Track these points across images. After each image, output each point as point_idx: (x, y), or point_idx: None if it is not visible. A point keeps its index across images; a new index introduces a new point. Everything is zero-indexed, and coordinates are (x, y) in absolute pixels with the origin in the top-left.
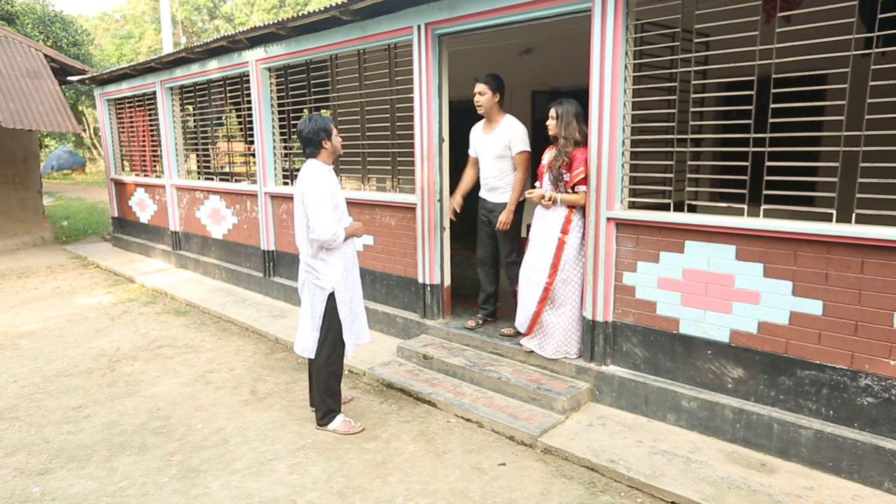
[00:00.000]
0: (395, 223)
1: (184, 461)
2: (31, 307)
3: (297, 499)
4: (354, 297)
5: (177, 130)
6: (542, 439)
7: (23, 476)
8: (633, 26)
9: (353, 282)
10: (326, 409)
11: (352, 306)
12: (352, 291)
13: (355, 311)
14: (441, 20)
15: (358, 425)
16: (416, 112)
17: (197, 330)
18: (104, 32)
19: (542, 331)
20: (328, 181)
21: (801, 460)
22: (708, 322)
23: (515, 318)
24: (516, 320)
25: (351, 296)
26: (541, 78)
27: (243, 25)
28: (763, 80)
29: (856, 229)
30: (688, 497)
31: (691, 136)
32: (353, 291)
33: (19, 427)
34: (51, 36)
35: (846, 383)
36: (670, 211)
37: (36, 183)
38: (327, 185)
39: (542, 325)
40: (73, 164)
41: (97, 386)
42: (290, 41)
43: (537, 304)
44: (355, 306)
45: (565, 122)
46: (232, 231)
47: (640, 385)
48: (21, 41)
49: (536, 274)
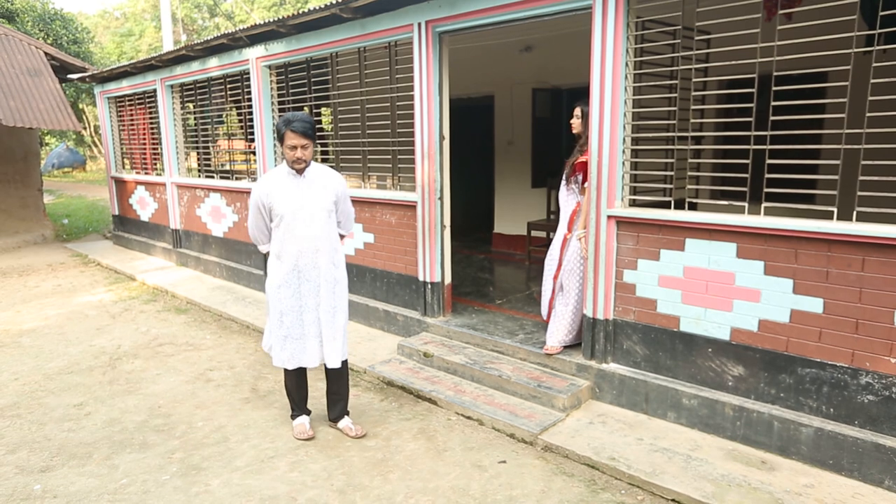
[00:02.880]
0: (395, 221)
1: (185, 459)
2: (32, 305)
3: (298, 496)
4: (286, 317)
5: (177, 128)
6: (542, 437)
7: (24, 473)
8: (634, 24)
9: (292, 300)
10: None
11: (282, 319)
12: (282, 310)
13: (294, 332)
14: (441, 18)
15: (307, 430)
16: (417, 110)
17: (197, 328)
18: (104, 30)
19: (554, 319)
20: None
21: (801, 458)
22: (708, 320)
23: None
24: (541, 309)
25: (280, 313)
26: (541, 76)
27: (243, 23)
28: (764, 77)
29: (857, 227)
30: (688, 495)
31: (692, 133)
32: (293, 311)
33: (20, 424)
34: (51, 34)
35: (847, 381)
36: (671, 209)
37: (36, 181)
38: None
39: (555, 313)
40: (74, 162)
41: (98, 384)
42: (291, 39)
43: (551, 292)
44: (293, 329)
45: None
46: (232, 229)
47: (641, 383)
48: (21, 39)
49: (551, 264)
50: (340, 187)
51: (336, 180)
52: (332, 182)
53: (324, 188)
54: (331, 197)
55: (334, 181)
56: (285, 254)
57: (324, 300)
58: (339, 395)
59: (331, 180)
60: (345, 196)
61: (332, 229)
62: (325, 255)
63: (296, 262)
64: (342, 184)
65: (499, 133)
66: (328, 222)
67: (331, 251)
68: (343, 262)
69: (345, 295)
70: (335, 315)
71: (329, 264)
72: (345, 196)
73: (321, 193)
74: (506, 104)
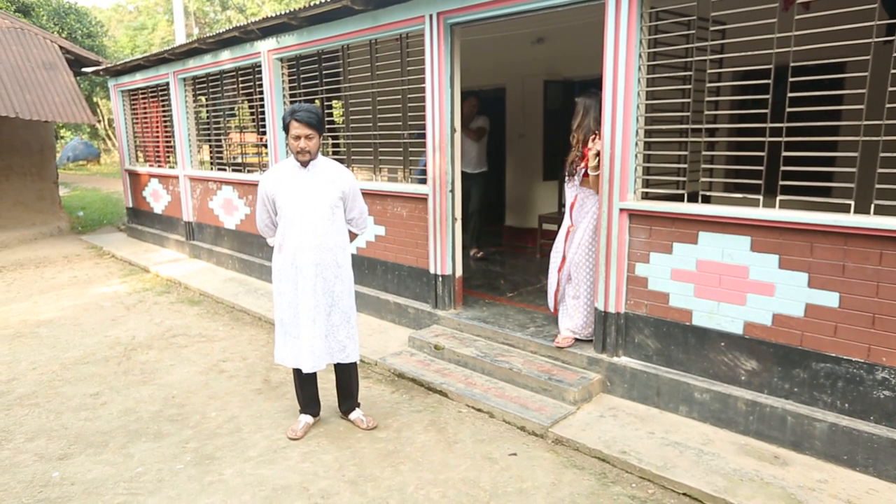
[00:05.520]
0: (406, 214)
1: (198, 448)
2: (49, 296)
3: (310, 486)
4: (284, 312)
5: (190, 121)
6: (553, 430)
7: (43, 461)
8: (648, 14)
9: (290, 295)
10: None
11: (281, 314)
12: (281, 305)
13: (292, 330)
14: (453, 9)
15: (297, 431)
16: (428, 102)
17: (210, 319)
18: (118, 24)
19: (564, 311)
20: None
21: (815, 453)
22: (721, 314)
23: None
24: (548, 302)
25: (279, 307)
26: (553, 67)
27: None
28: (780, 68)
29: (874, 220)
30: (700, 489)
31: (706, 126)
32: (290, 306)
33: (39, 413)
34: (65, 27)
35: (862, 376)
36: (684, 202)
37: (52, 174)
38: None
39: (564, 306)
40: (88, 155)
41: (113, 374)
42: (302, 31)
43: (556, 285)
44: (291, 327)
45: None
46: (244, 221)
47: (653, 376)
48: (36, 33)
49: (556, 257)
50: (348, 183)
51: (344, 176)
52: (340, 177)
53: (330, 183)
54: (336, 193)
55: (342, 177)
56: (285, 247)
57: (320, 299)
58: (347, 389)
59: (338, 176)
60: (354, 193)
61: (336, 226)
62: (327, 252)
63: (294, 257)
64: (350, 180)
65: (510, 126)
66: (331, 219)
67: (333, 248)
68: (348, 262)
69: (347, 295)
70: (330, 314)
71: (331, 263)
72: (354, 193)
73: (326, 188)
74: (517, 96)
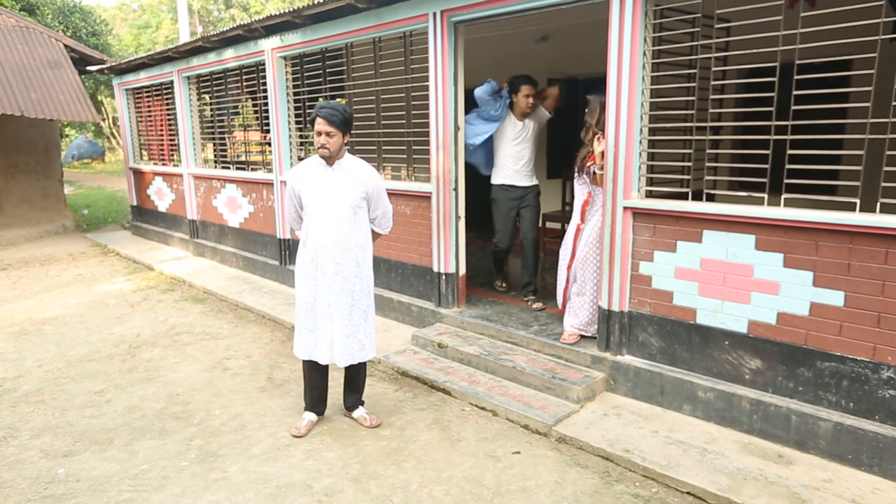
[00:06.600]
0: (410, 212)
1: (203, 446)
2: (54, 294)
3: (314, 484)
4: (302, 306)
5: (194, 119)
6: (556, 428)
7: (48, 458)
8: (653, 12)
9: (309, 290)
10: None
11: (300, 308)
12: (300, 299)
13: (308, 324)
14: (457, 7)
15: (301, 428)
16: (432, 100)
17: (214, 317)
18: (122, 22)
19: (570, 308)
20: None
21: (819, 452)
22: (725, 312)
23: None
24: (556, 300)
25: (299, 301)
26: (557, 66)
27: (259, 14)
28: (786, 66)
29: (880, 219)
30: (703, 487)
31: (710, 124)
32: (308, 302)
33: (44, 410)
34: (70, 26)
35: (867, 375)
36: (688, 200)
37: (57, 172)
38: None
39: (570, 303)
40: (93, 154)
41: (118, 371)
42: (306, 29)
43: (565, 282)
44: (307, 321)
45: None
46: (248, 219)
47: (656, 375)
48: (41, 31)
49: (565, 254)
50: (373, 183)
51: (369, 175)
52: (365, 177)
53: (356, 182)
54: (359, 192)
55: (367, 176)
56: (309, 242)
57: (339, 297)
58: (354, 387)
59: (364, 175)
60: (379, 193)
61: (357, 226)
62: (347, 251)
63: (314, 253)
64: (376, 179)
65: None
66: (353, 218)
67: (353, 248)
68: (369, 262)
69: (366, 295)
70: (351, 314)
71: (350, 262)
72: (379, 193)
73: (350, 187)
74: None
